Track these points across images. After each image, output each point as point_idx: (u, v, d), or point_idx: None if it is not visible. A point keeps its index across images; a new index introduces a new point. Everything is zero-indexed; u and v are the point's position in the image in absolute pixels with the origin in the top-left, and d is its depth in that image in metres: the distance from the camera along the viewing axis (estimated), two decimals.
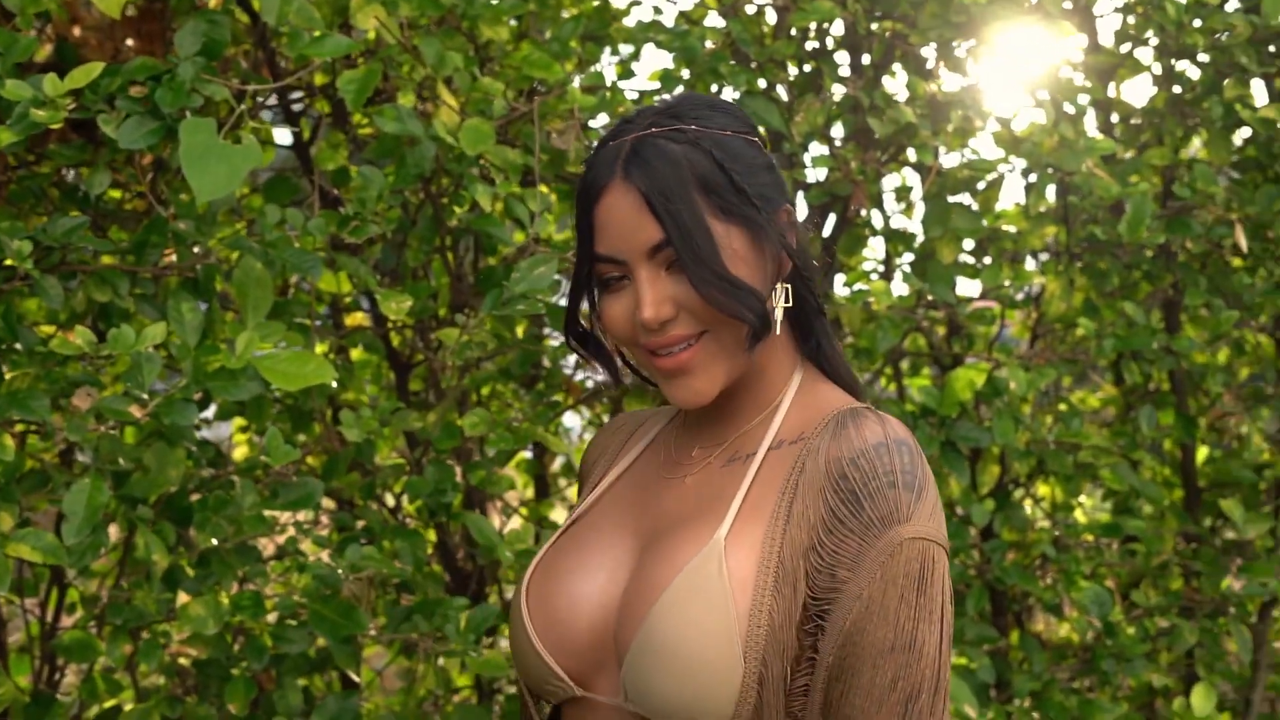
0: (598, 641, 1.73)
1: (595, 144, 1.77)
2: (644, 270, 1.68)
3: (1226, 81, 3.32)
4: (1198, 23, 3.21)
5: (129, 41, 2.57)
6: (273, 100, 2.91)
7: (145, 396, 2.12)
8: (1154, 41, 3.37)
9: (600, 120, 2.94)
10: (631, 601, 1.70)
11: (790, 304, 1.75)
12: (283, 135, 3.04)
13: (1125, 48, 3.42)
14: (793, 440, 1.73)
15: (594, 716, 1.74)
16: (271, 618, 2.49)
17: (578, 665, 1.74)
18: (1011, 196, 9.74)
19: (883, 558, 1.60)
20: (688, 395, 1.72)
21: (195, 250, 2.43)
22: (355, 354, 3.34)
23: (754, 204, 1.69)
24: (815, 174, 3.04)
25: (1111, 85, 3.49)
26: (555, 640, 1.75)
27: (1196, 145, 3.75)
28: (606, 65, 3.15)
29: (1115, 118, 3.52)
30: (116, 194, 2.72)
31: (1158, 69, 3.44)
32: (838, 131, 3.18)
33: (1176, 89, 3.40)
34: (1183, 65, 3.41)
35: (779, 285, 1.74)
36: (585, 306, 1.81)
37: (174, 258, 2.45)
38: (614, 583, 1.75)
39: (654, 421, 1.95)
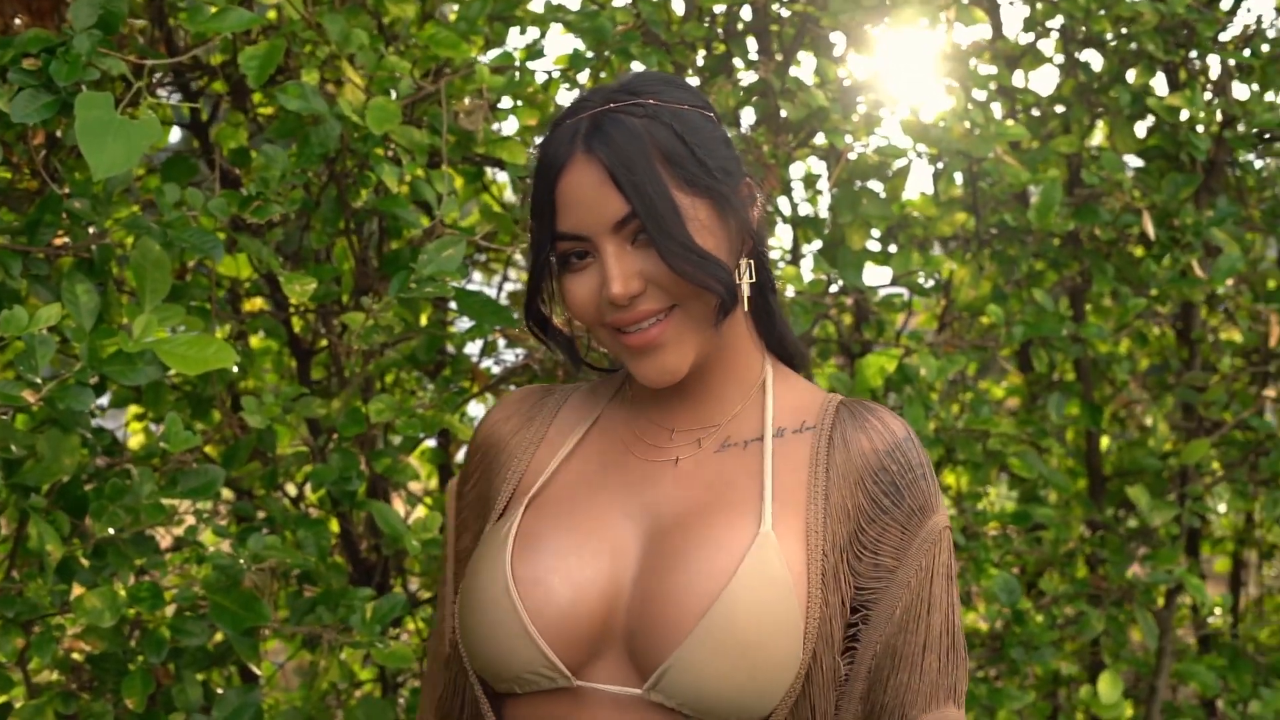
0: (600, 629, 1.67)
1: (551, 124, 1.74)
2: (610, 245, 1.65)
3: (1133, 69, 3.33)
4: (1102, 12, 3.22)
5: (18, 20, 2.49)
6: (169, 79, 2.84)
7: (38, 381, 2.05)
8: (1058, 30, 3.38)
9: (507, 102, 2.90)
10: (667, 589, 1.63)
11: (755, 279, 1.74)
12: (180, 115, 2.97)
13: (1029, 37, 3.42)
14: (796, 428, 1.73)
15: (580, 707, 1.67)
16: (170, 610, 2.43)
17: (572, 654, 1.66)
18: (920, 184, 9.81)
19: (926, 545, 1.67)
20: (659, 373, 1.68)
21: (90, 231, 2.35)
22: (254, 341, 3.27)
23: (716, 176, 1.67)
24: None
25: (1018, 74, 3.49)
26: (551, 627, 1.66)
27: (1101, 134, 3.76)
28: (514, 48, 3.10)
29: (1019, 108, 3.52)
30: (8, 174, 2.64)
31: (1060, 59, 3.45)
32: (748, 115, 3.15)
33: (1083, 77, 3.41)
34: (1087, 56, 3.42)
35: (744, 259, 1.72)
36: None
37: (68, 238, 2.38)
38: (620, 567, 1.69)
39: (587, 397, 1.89)
